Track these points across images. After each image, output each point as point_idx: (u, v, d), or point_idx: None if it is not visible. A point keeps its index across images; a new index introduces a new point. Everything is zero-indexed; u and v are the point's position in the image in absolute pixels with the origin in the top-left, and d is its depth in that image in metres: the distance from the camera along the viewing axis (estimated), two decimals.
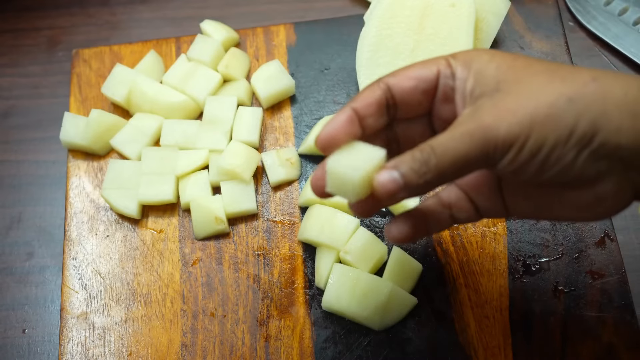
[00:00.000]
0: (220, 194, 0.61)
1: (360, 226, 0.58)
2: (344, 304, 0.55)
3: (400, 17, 0.62)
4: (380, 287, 0.54)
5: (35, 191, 0.68)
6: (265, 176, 0.63)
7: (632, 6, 0.71)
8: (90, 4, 0.77)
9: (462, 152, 0.38)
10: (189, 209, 0.61)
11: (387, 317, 0.55)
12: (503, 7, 0.64)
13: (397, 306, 0.55)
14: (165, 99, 0.64)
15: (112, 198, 0.61)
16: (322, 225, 0.57)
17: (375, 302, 0.54)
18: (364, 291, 0.54)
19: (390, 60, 0.62)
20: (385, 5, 0.63)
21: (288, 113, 0.65)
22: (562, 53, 0.65)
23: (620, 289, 0.56)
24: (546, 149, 0.39)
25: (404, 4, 0.62)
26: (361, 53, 0.63)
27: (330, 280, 0.55)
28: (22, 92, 0.73)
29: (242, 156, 0.60)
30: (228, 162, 0.60)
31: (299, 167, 0.62)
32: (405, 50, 0.62)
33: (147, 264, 0.60)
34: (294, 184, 0.62)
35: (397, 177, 0.39)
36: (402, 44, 0.62)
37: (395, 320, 0.56)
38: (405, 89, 0.44)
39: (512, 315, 0.56)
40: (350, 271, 0.55)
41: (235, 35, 0.68)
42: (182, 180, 0.62)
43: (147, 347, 0.57)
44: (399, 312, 0.56)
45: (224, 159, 0.60)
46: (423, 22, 0.62)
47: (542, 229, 0.58)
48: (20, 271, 0.65)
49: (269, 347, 0.56)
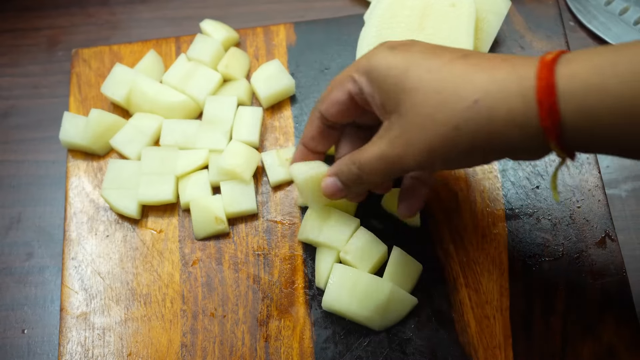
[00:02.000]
0: (220, 194, 0.61)
1: (360, 226, 0.58)
2: (344, 304, 0.55)
3: (400, 17, 0.62)
4: (381, 288, 0.54)
5: (35, 191, 0.68)
6: (265, 176, 0.63)
7: (633, 6, 0.71)
8: (90, 3, 0.77)
9: (382, 170, 0.47)
10: (189, 209, 0.61)
11: (388, 317, 0.55)
12: (503, 6, 0.64)
13: (398, 306, 0.55)
14: (165, 99, 0.64)
15: (112, 198, 0.61)
16: (322, 225, 0.57)
17: (375, 303, 0.54)
18: (364, 291, 0.54)
19: None
20: (385, 5, 0.63)
21: (288, 113, 0.65)
22: None
23: (620, 289, 0.56)
24: (450, 165, 0.50)
25: (404, 4, 0.62)
26: (361, 53, 0.63)
27: (331, 281, 0.55)
28: (22, 92, 0.73)
29: (242, 156, 0.60)
30: (228, 162, 0.60)
31: None
32: None
33: (147, 264, 0.60)
34: (294, 183, 0.62)
35: (338, 182, 0.52)
36: None
37: (396, 321, 0.56)
38: (333, 113, 0.52)
39: (512, 316, 0.56)
40: (350, 271, 0.55)
41: (235, 35, 0.68)
42: (182, 180, 0.62)
43: (146, 347, 0.57)
44: (399, 312, 0.56)
45: (224, 159, 0.60)
46: (423, 22, 0.62)
47: (542, 229, 0.58)
48: (20, 271, 0.64)
49: (269, 347, 0.56)
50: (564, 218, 0.58)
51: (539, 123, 0.40)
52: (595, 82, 0.38)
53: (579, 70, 0.39)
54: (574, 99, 0.39)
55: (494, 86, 0.41)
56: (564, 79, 0.39)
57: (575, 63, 0.39)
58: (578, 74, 0.39)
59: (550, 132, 0.40)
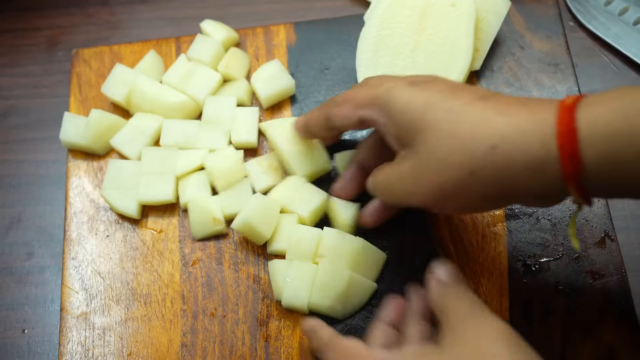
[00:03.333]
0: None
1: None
2: (303, 298, 0.55)
3: (400, 17, 0.62)
4: (340, 276, 0.55)
5: (35, 191, 0.68)
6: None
7: (633, 6, 0.71)
8: (90, 3, 0.77)
9: (391, 199, 0.49)
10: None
11: (349, 305, 0.56)
12: (503, 6, 0.64)
13: (358, 293, 0.56)
14: (165, 99, 0.64)
15: (112, 198, 0.61)
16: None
17: (335, 292, 0.55)
18: (322, 282, 0.55)
19: (390, 60, 0.62)
20: (385, 5, 0.63)
21: (288, 113, 0.65)
22: (562, 53, 0.65)
23: (620, 289, 0.56)
24: (460, 209, 0.49)
25: (404, 4, 0.62)
26: (361, 53, 0.63)
27: (288, 279, 0.55)
28: (22, 92, 0.73)
29: (228, 173, 0.60)
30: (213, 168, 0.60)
31: (281, 171, 0.62)
32: (405, 50, 0.62)
33: (147, 264, 0.60)
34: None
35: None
36: (402, 44, 0.62)
37: (357, 308, 0.56)
38: (342, 125, 0.52)
39: (512, 316, 0.56)
40: (306, 266, 0.55)
41: (235, 35, 0.68)
42: (181, 181, 0.62)
43: (147, 347, 0.57)
44: (360, 298, 0.56)
45: (212, 176, 0.60)
46: (423, 22, 0.62)
47: (542, 229, 0.58)
48: (20, 271, 0.65)
49: (269, 347, 0.56)
50: (563, 218, 0.58)
51: (559, 169, 0.39)
52: (620, 127, 0.37)
53: (601, 113, 0.38)
54: (597, 144, 0.38)
55: (512, 131, 0.40)
56: (586, 124, 0.38)
57: (597, 106, 0.39)
58: (600, 118, 0.38)
59: (571, 178, 0.39)
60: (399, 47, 0.62)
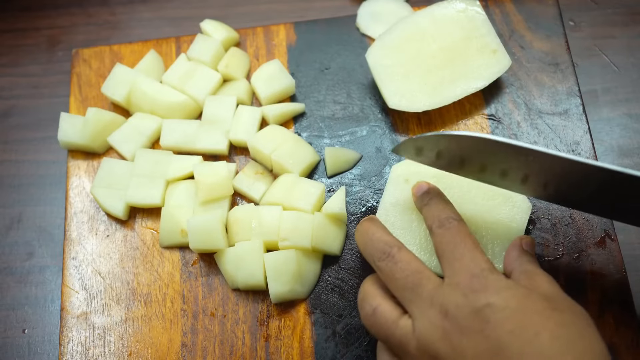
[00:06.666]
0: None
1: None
2: (259, 277, 0.56)
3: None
4: (288, 259, 0.56)
5: (35, 191, 0.68)
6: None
7: None
8: (90, 3, 0.78)
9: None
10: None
11: (307, 282, 0.57)
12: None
13: (311, 268, 0.57)
14: (165, 99, 0.64)
15: (100, 196, 0.61)
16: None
17: (289, 275, 0.56)
18: (275, 271, 0.56)
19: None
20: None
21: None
22: (562, 53, 0.65)
23: (620, 289, 0.56)
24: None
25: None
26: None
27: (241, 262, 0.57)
28: (22, 92, 0.73)
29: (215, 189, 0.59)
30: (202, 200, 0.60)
31: (268, 173, 0.62)
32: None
33: (147, 263, 0.60)
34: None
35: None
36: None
37: (315, 281, 0.57)
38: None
39: None
40: (251, 244, 0.57)
41: (235, 34, 0.68)
42: (171, 186, 0.61)
43: (147, 347, 0.57)
44: (314, 272, 0.57)
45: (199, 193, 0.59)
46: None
47: (542, 228, 0.58)
48: (20, 271, 0.65)
49: (269, 347, 0.56)
50: (563, 218, 0.58)
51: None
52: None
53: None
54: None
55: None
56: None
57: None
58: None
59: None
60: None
